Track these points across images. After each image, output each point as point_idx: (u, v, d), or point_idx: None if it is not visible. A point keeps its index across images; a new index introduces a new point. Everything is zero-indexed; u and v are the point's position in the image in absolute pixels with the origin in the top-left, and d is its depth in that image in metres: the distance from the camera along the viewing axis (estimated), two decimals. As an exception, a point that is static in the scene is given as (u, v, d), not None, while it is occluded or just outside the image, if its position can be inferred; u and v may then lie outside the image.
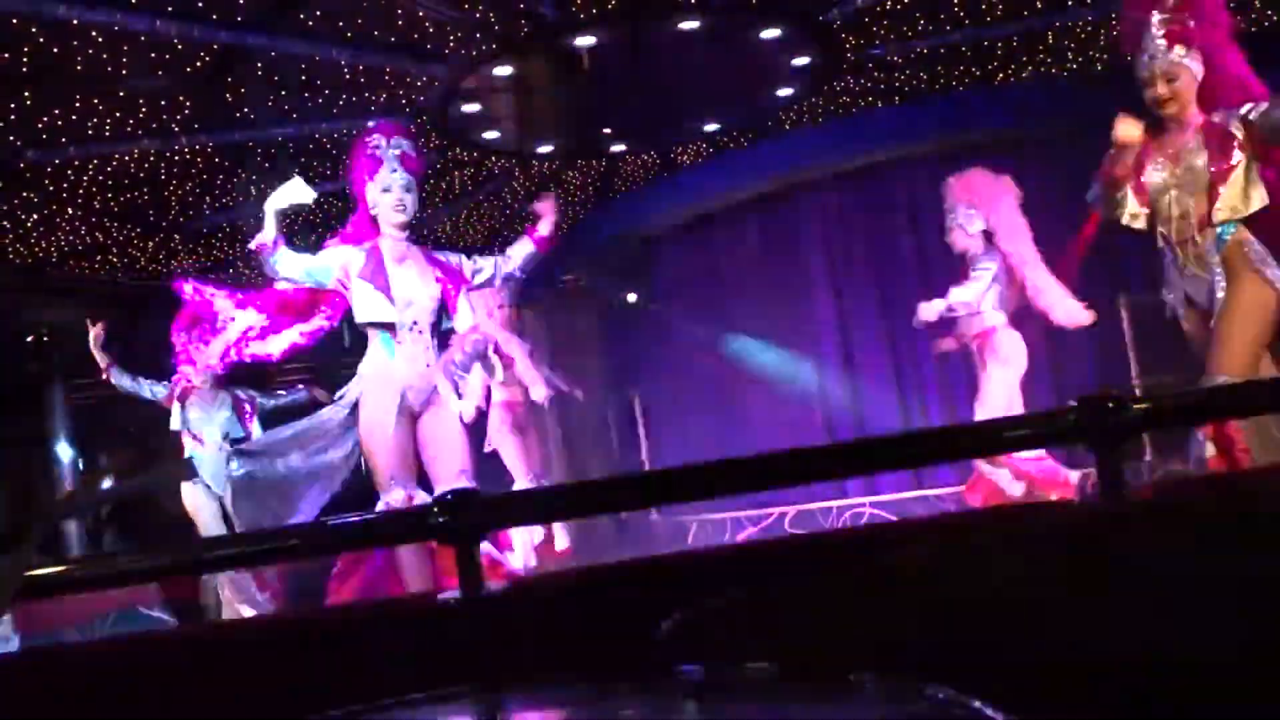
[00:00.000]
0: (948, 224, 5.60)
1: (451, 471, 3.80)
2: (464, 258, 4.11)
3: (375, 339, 3.91)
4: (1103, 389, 1.47)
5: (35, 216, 7.78)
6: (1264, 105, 3.43)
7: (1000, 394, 5.40)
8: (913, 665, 0.85)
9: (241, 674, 1.46)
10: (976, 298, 5.46)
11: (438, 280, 3.94)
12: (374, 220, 3.96)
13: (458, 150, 8.13)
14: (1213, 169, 3.49)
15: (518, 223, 10.21)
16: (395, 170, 3.88)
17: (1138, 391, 6.65)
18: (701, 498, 5.99)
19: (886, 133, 8.15)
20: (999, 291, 5.49)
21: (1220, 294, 3.48)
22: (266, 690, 1.44)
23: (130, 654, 1.59)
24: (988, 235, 5.53)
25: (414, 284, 3.90)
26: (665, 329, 9.81)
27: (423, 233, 8.54)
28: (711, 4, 6.40)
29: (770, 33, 6.74)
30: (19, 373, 9.32)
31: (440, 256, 4.05)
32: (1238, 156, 3.47)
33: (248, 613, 5.32)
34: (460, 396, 4.84)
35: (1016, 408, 5.44)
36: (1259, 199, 3.46)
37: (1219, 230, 3.53)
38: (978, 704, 0.67)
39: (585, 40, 6.56)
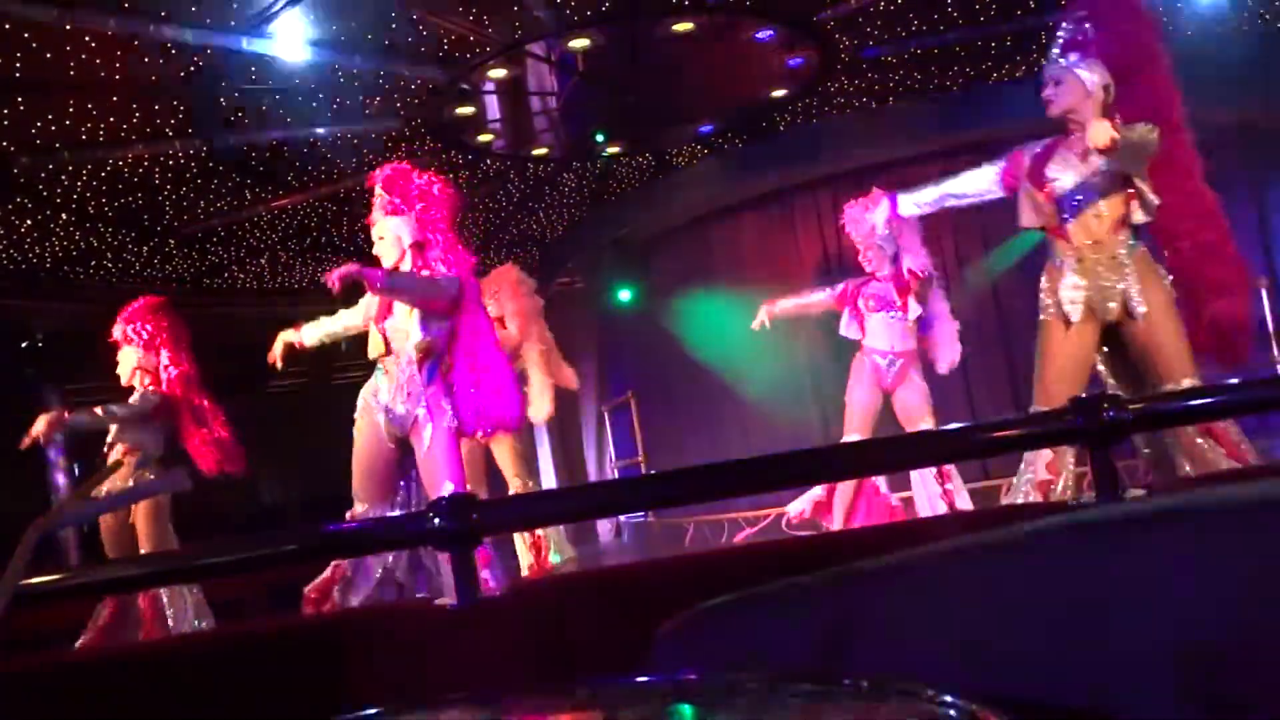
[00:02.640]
0: (870, 243, 5.70)
1: (433, 490, 4.01)
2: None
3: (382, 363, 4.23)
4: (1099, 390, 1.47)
5: (29, 222, 7.77)
6: (1135, 128, 3.42)
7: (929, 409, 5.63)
8: (908, 668, 0.85)
9: (237, 682, 1.46)
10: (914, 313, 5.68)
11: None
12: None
13: (452, 153, 8.13)
14: (1125, 175, 3.51)
15: (513, 225, 10.22)
16: (380, 218, 4.19)
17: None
18: (699, 500, 6.00)
19: (881, 133, 8.16)
20: (915, 304, 5.73)
21: (1136, 300, 3.50)
22: (262, 698, 1.43)
23: (122, 663, 1.59)
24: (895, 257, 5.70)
25: (402, 317, 4.15)
26: (661, 329, 9.81)
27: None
28: (706, 6, 6.40)
29: (764, 34, 6.76)
30: (14, 378, 9.30)
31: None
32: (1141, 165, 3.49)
33: None
34: None
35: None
36: (1154, 206, 3.51)
37: (1131, 235, 3.56)
38: (974, 708, 0.67)
39: (579, 43, 6.56)
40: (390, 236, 4.20)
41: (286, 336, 4.46)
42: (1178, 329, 3.52)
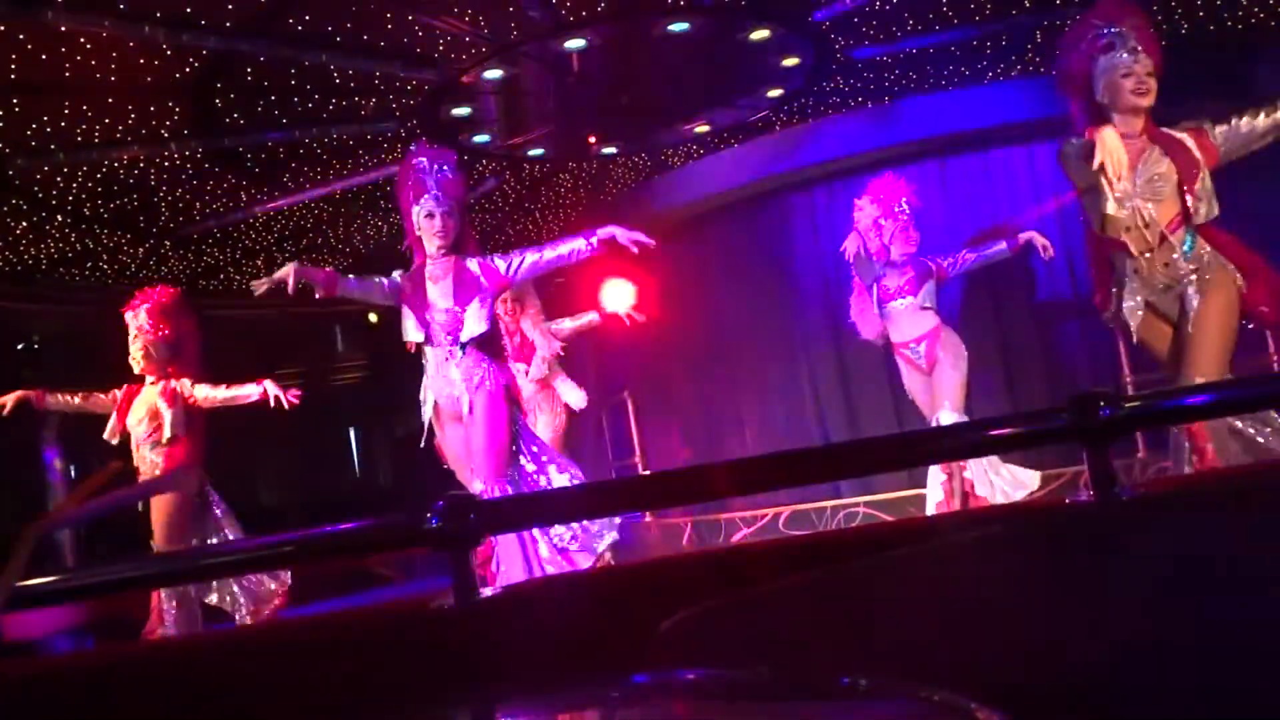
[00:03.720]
0: (897, 226, 5.68)
1: (478, 474, 4.11)
2: (498, 258, 4.29)
3: (424, 353, 4.28)
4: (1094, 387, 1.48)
5: (25, 224, 7.75)
6: (1221, 126, 3.49)
7: (960, 392, 5.53)
8: (908, 667, 0.85)
9: (234, 683, 1.46)
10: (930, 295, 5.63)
11: (470, 293, 4.15)
12: (420, 240, 4.20)
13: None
14: (1181, 175, 3.51)
15: (509, 225, 10.21)
16: (437, 195, 4.13)
17: (1129, 389, 6.68)
18: (698, 500, 6.01)
19: (876, 132, 8.16)
20: (932, 287, 5.64)
21: (1194, 299, 3.51)
22: (261, 698, 1.43)
23: (120, 664, 1.59)
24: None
25: (445, 301, 4.19)
26: (658, 329, 9.80)
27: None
28: (701, 6, 6.40)
29: (760, 34, 6.75)
30: (10, 380, 9.28)
31: (474, 267, 4.21)
32: (1199, 163, 3.51)
33: None
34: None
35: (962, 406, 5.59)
36: (1217, 203, 3.52)
37: (1186, 236, 3.55)
38: (973, 706, 0.68)
39: (574, 43, 6.56)
40: (456, 216, 4.22)
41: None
42: (1221, 328, 3.52)
